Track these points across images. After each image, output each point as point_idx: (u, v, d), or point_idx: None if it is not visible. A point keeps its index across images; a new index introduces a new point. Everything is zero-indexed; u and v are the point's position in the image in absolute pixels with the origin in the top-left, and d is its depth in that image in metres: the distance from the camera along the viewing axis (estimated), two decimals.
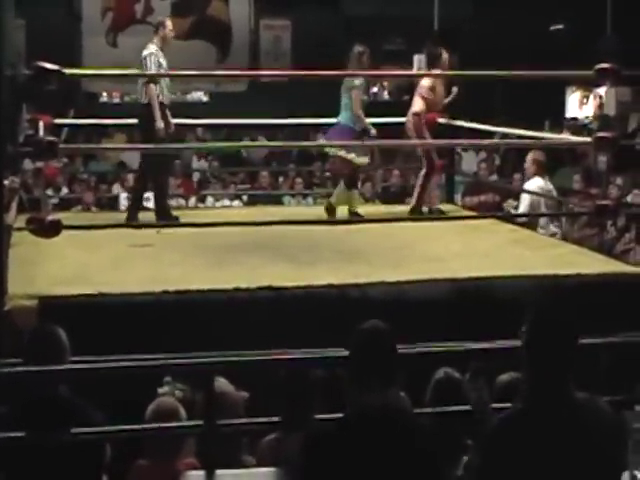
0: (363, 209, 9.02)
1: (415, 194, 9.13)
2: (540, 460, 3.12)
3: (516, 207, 9.86)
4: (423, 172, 9.06)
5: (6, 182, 6.96)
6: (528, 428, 3.15)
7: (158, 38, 8.54)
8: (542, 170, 9.19)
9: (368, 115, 8.86)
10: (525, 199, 8.99)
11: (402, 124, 9.38)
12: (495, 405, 3.89)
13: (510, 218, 8.97)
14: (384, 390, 3.26)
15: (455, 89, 9.42)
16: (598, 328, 4.66)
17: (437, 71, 9.12)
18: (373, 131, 8.73)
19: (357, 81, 8.67)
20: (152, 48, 8.45)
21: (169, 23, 8.70)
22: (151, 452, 4.21)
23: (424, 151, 9.08)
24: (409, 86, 18.15)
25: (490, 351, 4.13)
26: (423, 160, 9.13)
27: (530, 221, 8.94)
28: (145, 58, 8.38)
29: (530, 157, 9.20)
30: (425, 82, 9.09)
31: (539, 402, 3.18)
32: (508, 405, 3.48)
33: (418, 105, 9.04)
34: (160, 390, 4.58)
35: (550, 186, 9.22)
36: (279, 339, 4.85)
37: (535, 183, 9.05)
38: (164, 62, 8.48)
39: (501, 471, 3.15)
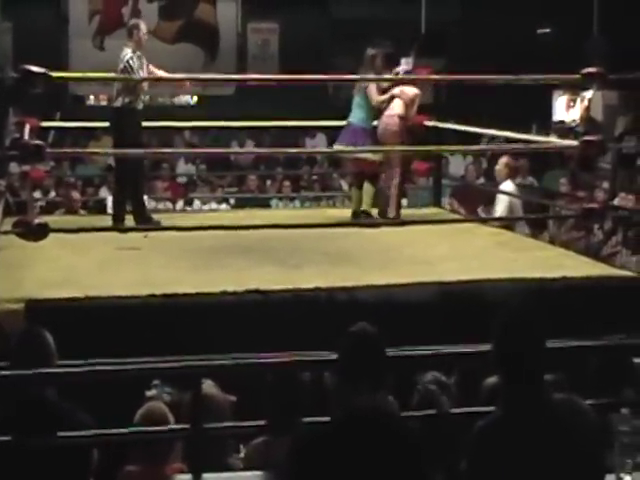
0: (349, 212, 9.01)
1: (392, 205, 8.87)
2: (523, 464, 3.13)
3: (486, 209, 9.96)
4: (396, 181, 8.82)
5: None
6: (508, 432, 3.17)
7: (133, 42, 8.33)
8: (514, 173, 9.36)
9: None
10: (503, 202, 9.03)
11: None
12: (482, 409, 3.91)
13: (495, 221, 8.97)
14: (372, 393, 3.26)
15: None
16: (585, 331, 4.68)
17: (414, 89, 9.01)
18: None
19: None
20: (129, 52, 8.24)
21: (143, 26, 8.48)
22: (140, 457, 4.20)
23: (403, 158, 8.96)
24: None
25: (477, 354, 4.13)
26: (395, 167, 8.87)
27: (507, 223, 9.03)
28: (127, 62, 8.18)
29: (503, 161, 9.26)
30: (410, 92, 8.97)
31: (516, 406, 3.20)
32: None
33: (401, 108, 8.94)
34: (148, 393, 4.57)
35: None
36: (267, 342, 4.85)
37: (508, 186, 9.16)
38: (141, 69, 8.30)
39: (486, 476, 3.16)
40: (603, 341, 4.63)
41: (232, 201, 13.02)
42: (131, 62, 8.18)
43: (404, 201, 12.51)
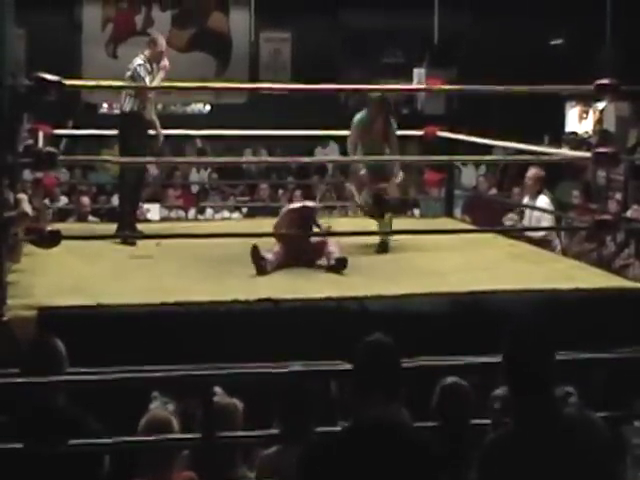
0: (362, 221, 8.93)
1: None
2: (535, 477, 3.11)
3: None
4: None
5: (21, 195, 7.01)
6: (520, 446, 3.14)
7: (149, 52, 8.38)
8: (543, 186, 9.17)
9: None
10: (538, 218, 8.92)
11: (401, 137, 9.25)
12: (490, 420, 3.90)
13: (510, 232, 8.92)
14: (387, 404, 3.25)
15: None
16: (597, 343, 4.67)
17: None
18: None
19: None
20: (139, 60, 8.29)
21: (162, 42, 8.50)
22: (146, 467, 4.20)
23: None
24: (408, 99, 18.29)
25: (488, 365, 4.13)
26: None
27: (544, 238, 8.89)
28: (135, 69, 8.23)
29: (533, 174, 9.03)
30: None
31: (528, 419, 3.17)
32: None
33: None
34: (151, 406, 4.56)
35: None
36: (277, 351, 4.85)
37: (543, 201, 9.03)
38: (154, 74, 8.36)
39: None
40: (615, 353, 4.61)
41: (244, 210, 13.03)
42: (139, 69, 8.21)
43: (416, 211, 12.56)
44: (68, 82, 6.28)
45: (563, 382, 4.28)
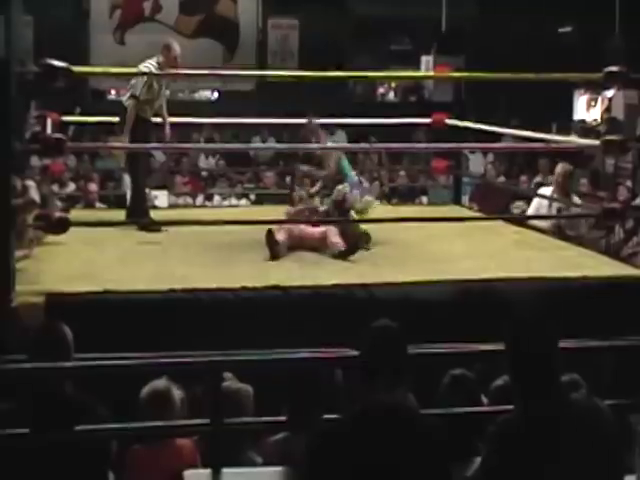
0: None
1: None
2: (541, 464, 3.11)
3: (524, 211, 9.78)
4: None
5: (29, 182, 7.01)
6: (525, 433, 3.15)
7: (163, 59, 8.16)
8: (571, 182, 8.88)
9: (375, 116, 8.78)
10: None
11: (409, 125, 9.27)
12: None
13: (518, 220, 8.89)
14: (393, 390, 3.25)
15: None
16: (604, 331, 4.67)
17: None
18: None
19: None
20: (151, 65, 8.10)
21: (176, 47, 8.27)
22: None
23: None
24: (415, 87, 18.29)
25: (494, 353, 4.13)
26: None
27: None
28: (141, 75, 8.07)
29: (563, 170, 8.63)
30: None
31: (533, 406, 3.18)
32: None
33: None
34: None
35: None
36: (286, 338, 4.85)
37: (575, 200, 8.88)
38: (156, 86, 8.23)
39: (503, 475, 3.15)
40: (622, 341, 4.61)
41: (252, 197, 13.03)
42: (141, 79, 8.07)
43: (424, 198, 12.57)
44: (76, 69, 6.28)
45: (570, 370, 4.28)
